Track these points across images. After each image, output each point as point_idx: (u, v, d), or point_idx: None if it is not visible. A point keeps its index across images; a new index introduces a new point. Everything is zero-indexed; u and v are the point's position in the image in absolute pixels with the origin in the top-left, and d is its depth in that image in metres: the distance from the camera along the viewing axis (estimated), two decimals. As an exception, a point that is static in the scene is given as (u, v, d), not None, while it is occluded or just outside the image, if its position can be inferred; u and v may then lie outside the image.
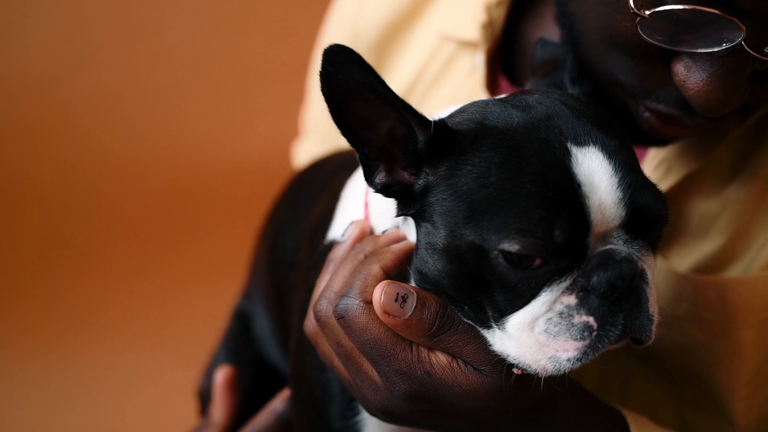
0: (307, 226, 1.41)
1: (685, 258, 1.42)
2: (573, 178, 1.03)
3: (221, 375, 1.63)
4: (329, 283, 1.17)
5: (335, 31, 1.82)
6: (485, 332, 1.09)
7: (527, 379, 1.10)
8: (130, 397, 2.87)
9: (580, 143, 1.05)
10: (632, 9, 1.10)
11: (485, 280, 1.06)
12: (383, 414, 1.17)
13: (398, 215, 1.14)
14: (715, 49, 1.10)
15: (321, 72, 1.05)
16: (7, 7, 3.38)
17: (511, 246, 1.02)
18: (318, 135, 1.89)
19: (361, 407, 1.24)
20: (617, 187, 1.03)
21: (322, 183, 1.48)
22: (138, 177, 3.43)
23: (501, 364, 1.09)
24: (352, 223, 1.22)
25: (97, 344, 3.05)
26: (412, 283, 1.14)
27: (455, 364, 1.10)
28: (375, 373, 1.14)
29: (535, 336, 1.05)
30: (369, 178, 1.12)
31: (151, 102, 3.45)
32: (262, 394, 1.60)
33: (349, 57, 1.04)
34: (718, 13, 1.06)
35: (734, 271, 1.40)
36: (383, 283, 1.10)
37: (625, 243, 1.06)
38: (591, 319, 1.03)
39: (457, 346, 1.10)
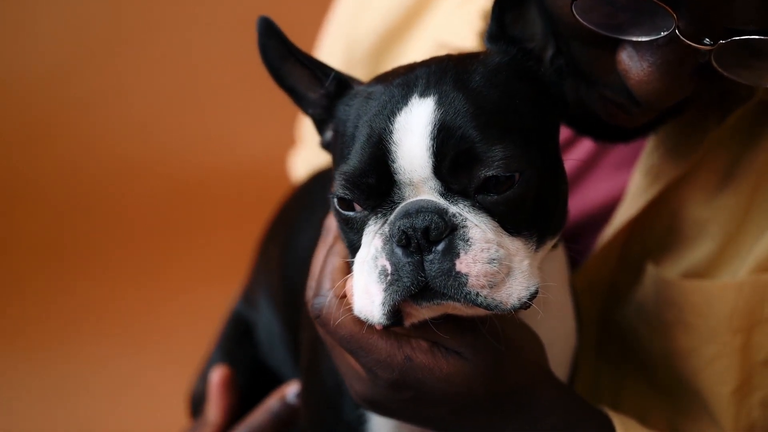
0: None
1: (677, 264, 1.43)
2: (391, 125, 1.06)
3: (217, 375, 1.64)
4: (311, 271, 1.23)
5: (332, 39, 1.84)
6: None
7: (504, 362, 1.12)
8: (125, 397, 2.88)
9: (424, 95, 1.08)
10: None
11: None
12: (368, 404, 1.19)
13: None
14: (653, 37, 1.11)
15: (258, 44, 1.19)
16: (12, 7, 3.40)
17: (335, 188, 1.09)
18: (315, 144, 1.91)
19: None
20: (430, 136, 1.04)
21: None
22: (137, 179, 3.44)
23: (480, 347, 1.11)
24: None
25: (93, 344, 3.06)
26: None
27: (435, 348, 1.12)
28: (357, 364, 1.16)
29: (364, 280, 1.07)
30: (320, 137, 1.25)
31: (151, 105, 3.47)
32: (257, 396, 1.60)
33: (270, 27, 1.18)
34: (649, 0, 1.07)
35: (723, 276, 1.40)
36: (352, 276, 1.12)
37: (443, 196, 1.06)
38: (387, 264, 1.05)
39: (434, 331, 1.11)
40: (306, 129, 1.95)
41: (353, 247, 1.12)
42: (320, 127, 1.25)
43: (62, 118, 3.42)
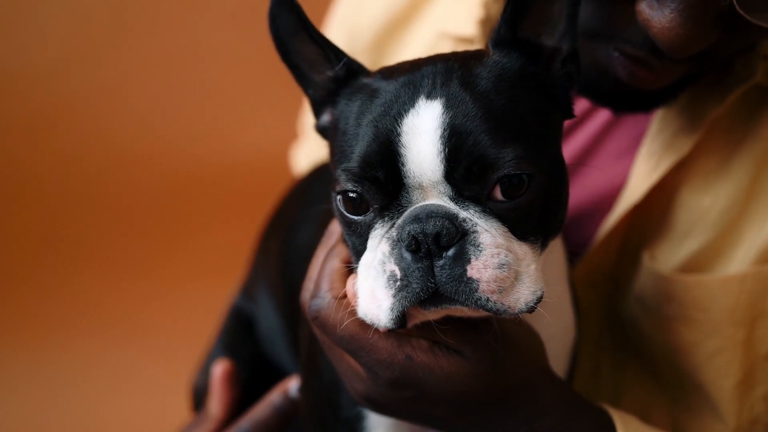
0: (322, 220, 1.43)
1: (673, 254, 1.42)
2: (399, 127, 1.04)
3: (219, 369, 1.64)
4: (309, 272, 1.21)
5: (335, 29, 1.83)
6: None
7: (504, 361, 1.11)
8: (125, 392, 2.88)
9: (431, 97, 1.06)
10: None
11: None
12: (368, 403, 1.19)
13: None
14: None
15: (269, 13, 1.15)
16: (13, 1, 3.40)
17: (339, 185, 1.07)
18: (317, 137, 1.90)
19: None
20: (440, 139, 1.03)
21: None
22: (138, 173, 3.45)
23: (480, 346, 1.11)
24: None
25: (93, 338, 3.07)
26: None
27: (436, 347, 1.12)
28: (357, 364, 1.15)
29: (370, 284, 1.06)
30: (316, 119, 1.22)
31: (151, 99, 3.47)
32: (260, 390, 1.60)
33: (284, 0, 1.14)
34: None
35: (724, 268, 1.39)
36: (353, 276, 1.11)
37: (452, 200, 1.05)
38: (396, 269, 1.04)
39: (435, 331, 1.10)
40: (308, 122, 1.95)
41: (357, 251, 1.11)
42: (317, 110, 1.22)
43: (62, 112, 3.42)
